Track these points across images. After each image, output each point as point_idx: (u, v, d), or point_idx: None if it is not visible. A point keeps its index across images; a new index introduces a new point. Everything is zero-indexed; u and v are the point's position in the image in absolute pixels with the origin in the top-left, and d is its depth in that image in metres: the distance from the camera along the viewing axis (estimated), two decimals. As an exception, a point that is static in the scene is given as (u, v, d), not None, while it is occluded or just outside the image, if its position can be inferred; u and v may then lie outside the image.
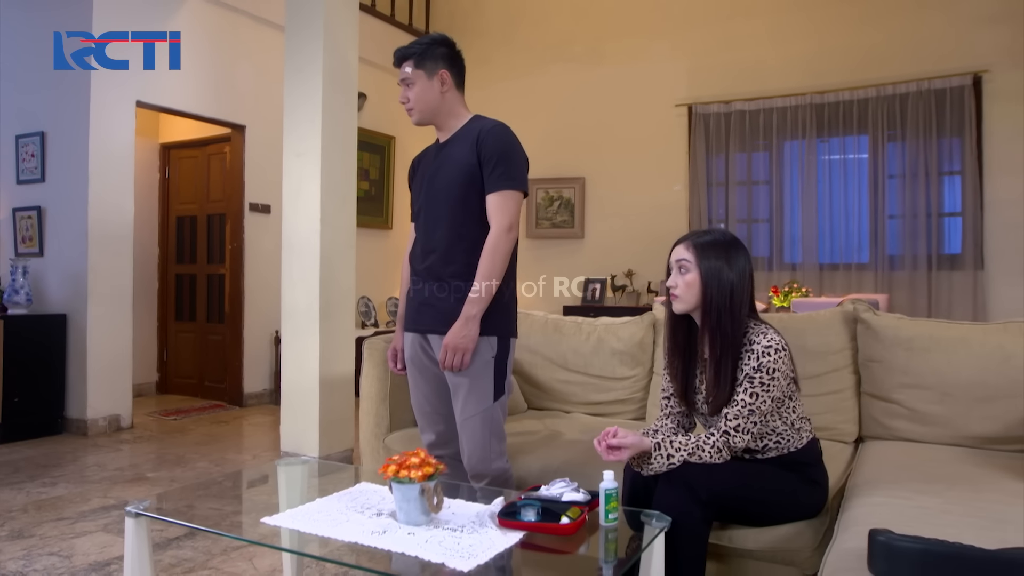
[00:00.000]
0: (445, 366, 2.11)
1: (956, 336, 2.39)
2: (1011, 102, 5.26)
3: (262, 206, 5.67)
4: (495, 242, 2.12)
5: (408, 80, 2.22)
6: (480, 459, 2.16)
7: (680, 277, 1.94)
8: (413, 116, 2.27)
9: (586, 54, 6.95)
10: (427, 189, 2.26)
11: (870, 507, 1.79)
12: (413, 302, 2.28)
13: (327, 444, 3.81)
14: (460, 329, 2.09)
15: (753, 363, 1.86)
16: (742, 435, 1.87)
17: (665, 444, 1.86)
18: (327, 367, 3.80)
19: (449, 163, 2.22)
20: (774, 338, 1.87)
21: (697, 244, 1.93)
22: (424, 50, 2.21)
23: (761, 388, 1.85)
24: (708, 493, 1.81)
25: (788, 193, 6.13)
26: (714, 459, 1.86)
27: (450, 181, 2.20)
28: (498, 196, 2.15)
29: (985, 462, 2.17)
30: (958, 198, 5.50)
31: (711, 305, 1.89)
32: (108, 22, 4.49)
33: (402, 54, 2.23)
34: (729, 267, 1.90)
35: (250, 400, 5.67)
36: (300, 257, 3.81)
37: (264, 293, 5.69)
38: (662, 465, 1.85)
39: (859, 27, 5.76)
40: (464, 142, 2.21)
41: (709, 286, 1.89)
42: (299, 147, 3.81)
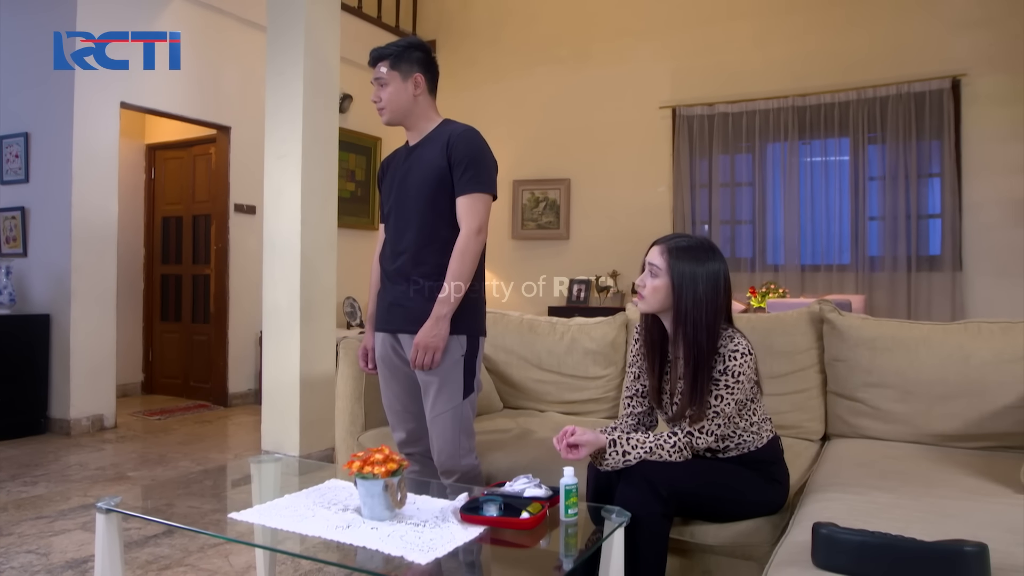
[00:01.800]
0: (416, 365, 2.15)
1: (918, 336, 2.44)
2: (988, 105, 5.33)
3: (247, 207, 5.69)
4: (465, 244, 2.16)
5: (382, 80, 2.25)
6: (450, 455, 2.19)
7: (649, 279, 1.96)
8: (384, 116, 2.29)
9: (572, 56, 7.00)
10: (397, 191, 2.29)
11: (824, 503, 1.83)
12: (383, 302, 2.31)
13: (307, 443, 3.84)
14: (431, 328, 2.12)
15: (720, 366, 1.90)
16: (706, 436, 1.91)
17: (621, 441, 1.90)
18: (308, 367, 3.83)
19: (419, 166, 2.25)
20: (740, 342, 1.91)
21: (671, 249, 1.94)
22: (400, 52, 2.25)
23: (726, 391, 1.89)
24: (668, 490, 1.85)
25: (771, 195, 6.19)
26: (674, 458, 1.90)
27: (420, 183, 2.23)
28: (468, 199, 2.19)
29: (945, 459, 2.22)
30: (937, 200, 5.56)
31: (684, 315, 1.91)
32: (92, 23, 4.51)
33: (378, 54, 2.26)
34: (703, 275, 1.90)
35: (235, 400, 5.69)
36: (281, 258, 3.84)
37: (249, 293, 5.71)
38: (617, 462, 1.89)
39: (840, 31, 5.82)
40: (434, 145, 2.24)
41: (681, 295, 1.91)
42: (280, 149, 3.84)
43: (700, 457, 1.99)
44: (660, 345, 2.07)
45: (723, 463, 2.00)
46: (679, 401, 1.98)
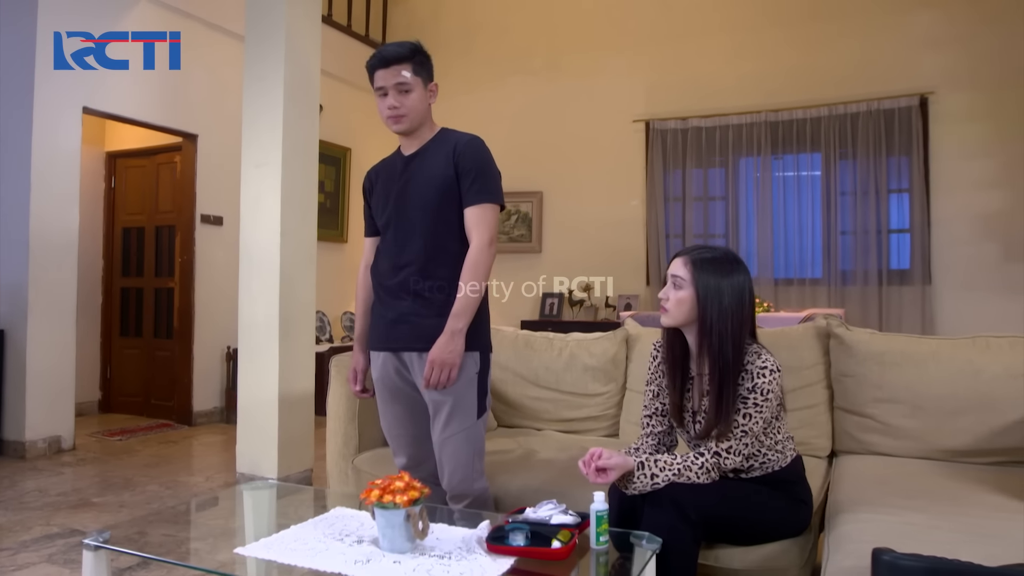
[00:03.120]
0: (431, 383, 2.03)
1: (927, 351, 2.43)
2: (955, 123, 5.46)
3: (214, 218, 5.49)
4: (478, 256, 2.07)
5: (406, 86, 2.09)
6: (462, 479, 2.09)
7: (672, 291, 1.91)
8: (402, 124, 2.13)
9: (544, 68, 6.97)
10: (397, 202, 2.17)
11: (858, 524, 1.79)
12: (383, 319, 2.18)
13: (286, 464, 3.68)
14: (447, 344, 2.02)
15: (748, 384, 1.85)
16: (733, 456, 1.85)
17: (649, 464, 1.83)
18: (286, 384, 3.67)
19: (423, 176, 2.14)
20: (768, 359, 1.86)
21: (695, 260, 1.89)
22: (424, 58, 2.14)
23: (755, 409, 1.84)
24: (697, 513, 1.78)
25: (744, 209, 6.23)
26: (702, 480, 1.84)
27: (425, 194, 2.13)
28: (478, 209, 2.11)
29: (959, 475, 2.20)
30: (906, 215, 5.66)
31: (709, 327, 1.85)
32: (54, 22, 4.30)
33: (398, 57, 2.09)
34: (728, 287, 1.86)
35: (200, 419, 5.46)
36: (259, 270, 3.69)
37: (215, 307, 5.51)
38: (646, 485, 1.82)
39: (812, 48, 5.90)
40: (437, 155, 2.14)
41: (706, 307, 1.86)
42: (258, 158, 3.69)
43: (724, 478, 1.93)
44: (682, 361, 2.00)
45: (747, 483, 1.94)
46: (704, 419, 1.93)
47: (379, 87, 2.12)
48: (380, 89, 2.12)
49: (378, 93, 2.13)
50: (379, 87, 2.12)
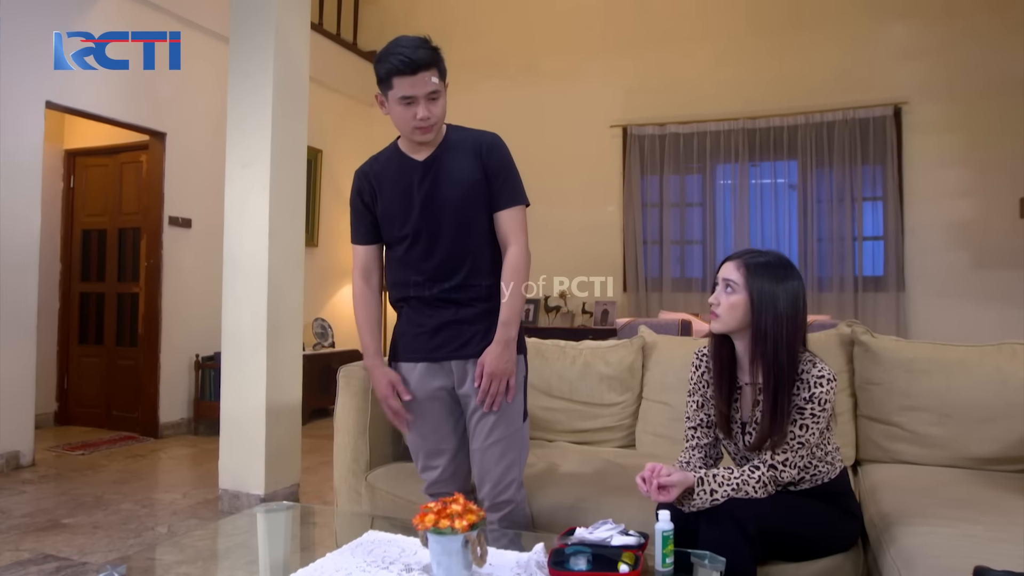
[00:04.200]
0: (488, 395, 1.94)
1: (954, 358, 2.41)
2: (928, 133, 5.58)
3: (182, 220, 5.24)
4: (519, 260, 1.98)
5: (436, 94, 1.92)
6: (506, 487, 1.99)
7: (724, 296, 1.84)
8: (431, 134, 1.96)
9: (520, 72, 6.90)
10: (424, 211, 2.00)
11: (918, 537, 1.74)
12: (420, 328, 2.04)
13: (273, 479, 3.50)
14: (501, 353, 1.93)
15: (804, 394, 1.78)
16: (790, 469, 1.79)
17: (708, 479, 1.76)
18: (274, 394, 3.50)
19: (451, 181, 1.99)
20: (824, 368, 1.80)
21: (749, 264, 1.82)
22: (442, 58, 1.96)
23: (812, 420, 1.78)
24: (756, 529, 1.72)
25: (721, 215, 6.26)
26: (759, 494, 1.77)
27: (457, 200, 1.99)
28: (513, 212, 2.02)
29: (991, 483, 2.18)
30: (880, 223, 5.76)
31: (763, 334, 1.79)
32: (12, 16, 4.03)
33: (428, 61, 1.88)
34: (783, 292, 1.79)
35: (166, 431, 5.20)
36: (244, 274, 3.51)
37: (183, 314, 5.26)
38: (705, 501, 1.74)
39: (789, 57, 5.97)
40: (460, 157, 2.00)
41: (760, 312, 1.79)
42: (245, 158, 3.51)
43: (777, 491, 1.86)
44: (729, 370, 1.94)
45: (798, 497, 1.88)
46: (755, 430, 1.86)
47: (405, 96, 1.89)
48: (407, 99, 1.89)
49: (401, 102, 1.90)
50: (405, 96, 1.89)
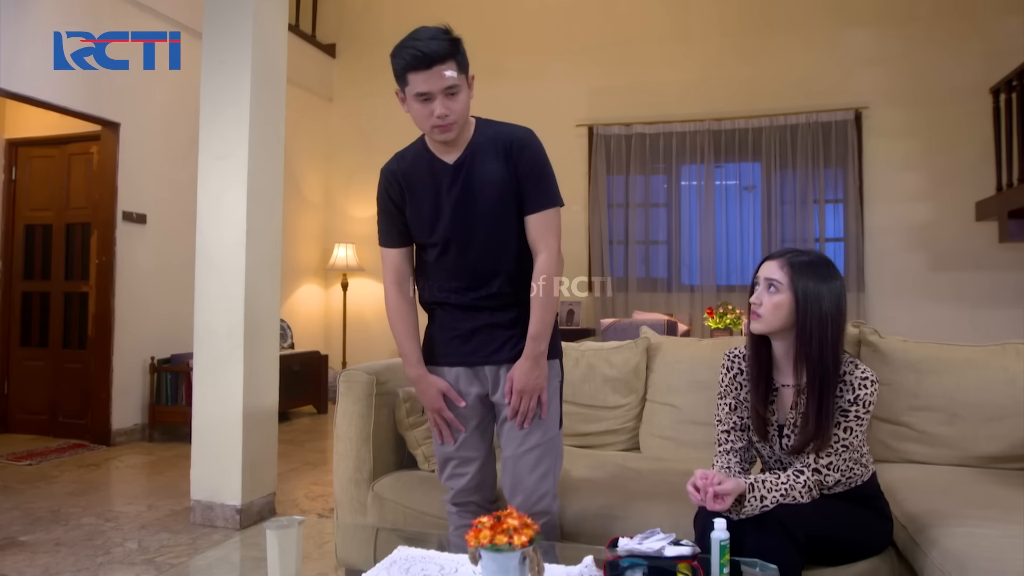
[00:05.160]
0: (520, 411, 1.86)
1: (962, 358, 2.44)
2: (887, 137, 5.73)
3: (137, 215, 4.97)
4: (550, 267, 1.86)
5: (454, 88, 1.77)
6: (540, 497, 1.90)
7: (767, 296, 1.79)
8: (451, 132, 1.81)
9: (485, 69, 6.69)
10: (455, 217, 1.87)
11: (957, 539, 1.73)
12: (453, 332, 1.94)
13: (250, 489, 3.32)
14: (531, 369, 1.83)
15: (848, 396, 1.76)
16: (834, 473, 1.76)
17: (758, 485, 1.71)
18: (252, 399, 3.32)
19: (482, 185, 1.87)
20: (867, 370, 1.78)
21: (793, 263, 1.78)
22: (462, 47, 1.82)
23: (856, 423, 1.76)
24: (805, 535, 1.69)
25: (686, 216, 6.30)
26: (804, 499, 1.74)
27: (489, 206, 1.87)
28: (543, 216, 1.88)
29: (1003, 482, 2.20)
30: (841, 225, 5.89)
31: (808, 335, 1.75)
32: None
33: (442, 53, 1.75)
34: (827, 292, 1.76)
35: (119, 438, 4.92)
36: (220, 273, 3.32)
37: (138, 314, 4.99)
38: (755, 508, 1.70)
39: (753, 60, 6.05)
40: (491, 157, 1.87)
41: (806, 312, 1.75)
42: (220, 150, 3.32)
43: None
44: (767, 372, 1.90)
45: (835, 500, 1.85)
46: (795, 432, 1.83)
47: (421, 93, 1.76)
48: (423, 95, 1.76)
49: (418, 99, 1.77)
50: (421, 93, 1.76)
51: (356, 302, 7.05)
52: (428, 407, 1.96)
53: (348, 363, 6.98)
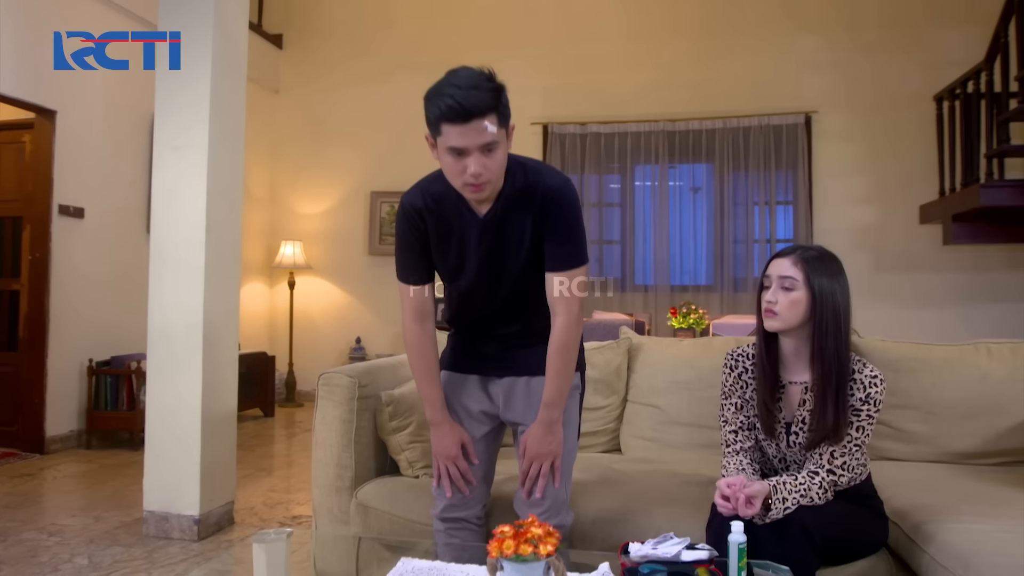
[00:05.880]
0: (530, 476, 1.82)
1: (939, 357, 2.49)
2: (835, 141, 5.89)
3: (74, 209, 4.69)
4: (569, 333, 1.77)
5: (492, 144, 1.61)
6: (559, 509, 1.83)
7: (783, 294, 1.78)
8: (485, 191, 1.65)
9: (436, 64, 6.52)
10: (482, 269, 1.78)
11: (957, 535, 1.75)
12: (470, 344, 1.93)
13: (208, 498, 3.16)
14: (544, 436, 1.78)
15: (860, 394, 1.77)
16: (848, 472, 1.77)
17: (780, 488, 1.71)
18: (211, 403, 3.16)
19: (512, 243, 1.76)
20: (875, 368, 1.80)
21: (807, 259, 1.78)
22: (504, 95, 1.65)
23: (868, 422, 1.77)
24: (823, 538, 1.69)
25: (640, 216, 6.33)
26: (820, 500, 1.74)
27: (520, 265, 1.78)
28: (569, 275, 1.76)
29: (980, 477, 2.26)
30: (791, 226, 6.03)
31: (824, 329, 1.75)
32: None
33: (483, 106, 1.57)
34: (838, 287, 1.78)
35: (53, 445, 4.62)
36: (176, 271, 3.14)
37: (75, 314, 4.71)
38: (779, 512, 1.69)
39: (706, 62, 6.13)
40: (522, 213, 1.74)
41: (822, 308, 1.75)
42: (176, 140, 3.15)
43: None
44: (774, 369, 1.89)
45: (837, 500, 1.85)
46: (804, 429, 1.83)
47: (455, 147, 1.60)
48: (457, 150, 1.60)
49: (451, 152, 1.61)
50: (455, 147, 1.60)
51: (303, 301, 6.84)
52: (442, 454, 1.85)
53: (295, 364, 6.78)
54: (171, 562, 2.85)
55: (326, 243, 6.96)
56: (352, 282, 6.90)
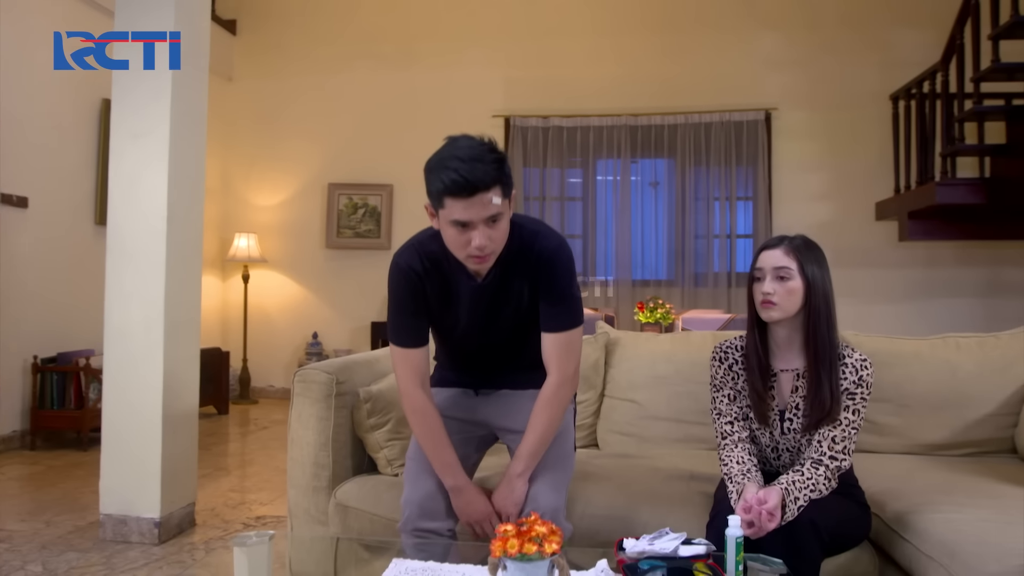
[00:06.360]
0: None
1: (910, 351, 2.55)
2: (793, 139, 6.00)
3: (17, 198, 4.46)
4: (555, 392, 1.78)
5: (497, 215, 1.61)
6: (555, 519, 1.76)
7: (779, 284, 1.81)
8: (488, 262, 1.68)
9: (396, 54, 6.59)
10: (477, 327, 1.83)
11: (939, 525, 1.78)
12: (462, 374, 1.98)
13: (169, 500, 3.04)
14: (508, 491, 1.76)
15: (852, 377, 1.81)
16: (848, 457, 1.81)
17: (791, 488, 1.73)
18: (172, 401, 3.04)
19: (508, 303, 1.79)
20: (862, 352, 1.85)
21: (797, 248, 1.83)
22: (508, 169, 1.65)
23: (862, 404, 1.82)
24: (828, 533, 1.72)
25: (602, 210, 6.35)
26: (826, 491, 1.78)
27: (514, 326, 1.83)
28: (560, 337, 1.78)
29: (951, 468, 2.30)
30: (751, 222, 6.11)
31: (817, 315, 1.80)
32: None
33: (488, 180, 1.57)
34: (826, 273, 1.84)
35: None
36: (136, 264, 3.01)
37: (18, 309, 4.49)
38: (793, 512, 1.71)
39: (669, 57, 6.17)
40: (518, 274, 1.76)
41: (814, 294, 1.80)
42: (136, 127, 3.01)
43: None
44: (766, 359, 1.91)
45: (831, 492, 1.87)
46: (798, 414, 1.86)
47: (459, 221, 1.60)
48: (461, 223, 1.60)
49: (454, 225, 1.61)
50: (459, 221, 1.60)
51: (258, 295, 6.67)
52: (473, 520, 1.80)
53: (250, 360, 6.60)
54: (132, 567, 2.73)
55: (282, 236, 6.79)
56: (308, 276, 6.76)
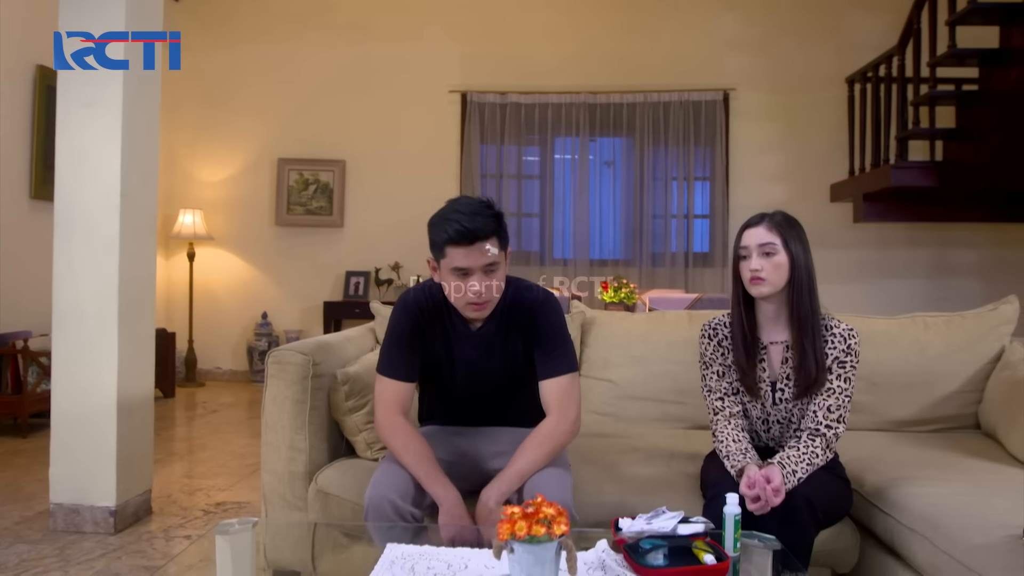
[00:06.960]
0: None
1: (881, 330, 2.59)
2: (751, 120, 6.06)
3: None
4: (554, 429, 1.83)
5: (495, 266, 1.76)
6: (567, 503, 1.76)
7: (766, 260, 1.84)
8: (484, 312, 1.81)
9: (350, 26, 6.40)
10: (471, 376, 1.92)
11: (919, 499, 1.83)
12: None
13: (125, 487, 2.90)
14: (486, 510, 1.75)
15: (842, 347, 1.86)
16: (843, 426, 1.85)
17: (787, 463, 1.76)
18: (127, 385, 2.89)
19: (503, 355, 1.90)
20: (847, 323, 1.91)
21: (778, 224, 1.87)
22: (504, 224, 1.79)
23: (852, 372, 1.86)
24: (823, 511, 1.74)
25: (559, 189, 6.31)
26: (822, 462, 1.82)
27: (508, 378, 1.93)
28: (559, 382, 1.85)
29: (920, 443, 2.37)
30: (708, 202, 6.17)
31: (800, 287, 1.84)
32: None
33: (487, 230, 1.72)
34: (807, 245, 1.88)
35: (-72, 434, 4.16)
36: (87, 241, 2.84)
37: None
38: (792, 485, 1.73)
39: (628, 35, 6.15)
40: (512, 327, 1.88)
41: (798, 268, 1.84)
42: (86, 96, 2.82)
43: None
44: (754, 333, 1.93)
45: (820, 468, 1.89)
46: (795, 381, 1.88)
47: (460, 268, 1.74)
48: (461, 270, 1.74)
49: (455, 273, 1.75)
50: (460, 268, 1.74)
51: (204, 274, 6.43)
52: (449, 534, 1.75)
53: (196, 342, 6.38)
54: (88, 558, 2.60)
55: (229, 212, 6.55)
56: (257, 254, 6.55)
